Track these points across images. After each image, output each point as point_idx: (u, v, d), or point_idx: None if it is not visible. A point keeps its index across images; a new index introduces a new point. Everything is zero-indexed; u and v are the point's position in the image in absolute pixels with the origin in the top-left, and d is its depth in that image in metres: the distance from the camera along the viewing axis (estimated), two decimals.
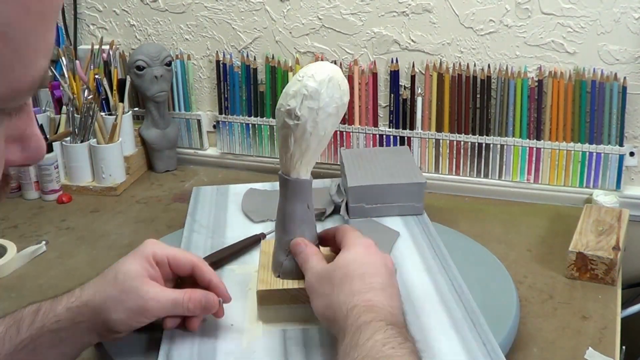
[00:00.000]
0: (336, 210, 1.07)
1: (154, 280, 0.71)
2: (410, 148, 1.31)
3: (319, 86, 0.71)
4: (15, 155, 0.41)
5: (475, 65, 1.24)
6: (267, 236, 0.97)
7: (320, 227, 0.90)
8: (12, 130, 0.39)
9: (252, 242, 0.95)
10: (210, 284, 0.74)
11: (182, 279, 0.76)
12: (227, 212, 1.08)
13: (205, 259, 0.85)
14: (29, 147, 0.41)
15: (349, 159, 1.14)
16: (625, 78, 1.15)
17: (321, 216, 1.05)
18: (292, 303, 0.76)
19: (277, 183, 0.77)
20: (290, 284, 0.77)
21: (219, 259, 0.91)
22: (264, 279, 0.79)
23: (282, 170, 0.76)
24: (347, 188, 1.05)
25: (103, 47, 1.41)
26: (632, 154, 1.19)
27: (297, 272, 0.76)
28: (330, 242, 0.78)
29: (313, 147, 0.73)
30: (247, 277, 0.86)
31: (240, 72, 1.38)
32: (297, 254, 0.75)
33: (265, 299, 0.77)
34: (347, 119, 1.34)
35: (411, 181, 1.05)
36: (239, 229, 1.01)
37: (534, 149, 1.23)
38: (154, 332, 0.74)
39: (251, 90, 1.39)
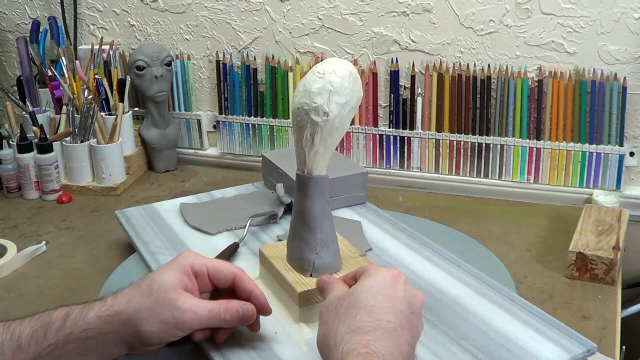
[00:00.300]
0: (288, 212, 1.05)
1: (189, 292, 0.69)
2: (410, 148, 1.31)
3: (342, 81, 0.71)
4: None
5: (475, 65, 1.24)
6: (239, 244, 0.96)
7: (277, 229, 0.95)
8: None
9: (232, 252, 0.94)
10: (252, 295, 0.71)
11: (218, 290, 0.74)
12: (174, 229, 1.03)
13: None
14: None
15: (277, 159, 1.16)
16: (625, 78, 1.15)
17: (274, 218, 1.04)
18: None
19: (207, 193, 0.77)
20: None
21: None
22: (296, 280, 0.77)
23: (302, 169, 0.76)
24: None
25: (103, 47, 1.41)
26: (632, 154, 1.19)
27: (329, 268, 0.77)
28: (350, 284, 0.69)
29: (336, 142, 0.75)
30: None
31: (240, 72, 1.38)
32: (322, 289, 0.70)
33: (306, 299, 0.76)
34: None
35: (355, 172, 1.10)
36: (200, 243, 0.98)
37: (534, 149, 1.23)
38: (181, 345, 0.72)
39: (251, 90, 1.39)
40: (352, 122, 1.33)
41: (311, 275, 0.78)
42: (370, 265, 0.70)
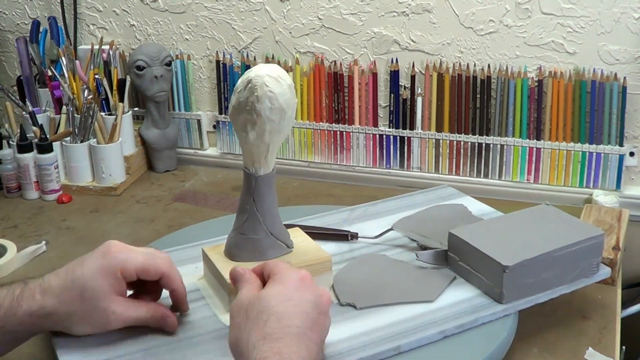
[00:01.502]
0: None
1: (119, 295, 0.71)
2: (410, 148, 1.31)
3: (239, 84, 0.75)
4: None
5: (475, 65, 1.24)
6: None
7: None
8: None
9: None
10: (173, 293, 0.75)
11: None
12: None
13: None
14: None
15: (523, 214, 0.91)
16: (625, 78, 1.15)
17: (424, 249, 0.90)
18: None
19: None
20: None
21: None
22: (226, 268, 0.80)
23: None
24: (449, 233, 0.86)
25: (103, 47, 1.41)
26: (632, 154, 1.19)
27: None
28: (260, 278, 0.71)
29: (242, 144, 0.78)
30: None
31: (240, 72, 1.38)
32: (235, 280, 0.71)
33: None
34: (347, 119, 1.34)
35: (493, 256, 0.79)
36: None
37: (534, 149, 1.23)
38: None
39: None
40: (352, 122, 1.34)
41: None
42: (277, 264, 0.69)
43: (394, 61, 1.29)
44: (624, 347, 0.89)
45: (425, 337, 0.73)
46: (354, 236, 0.95)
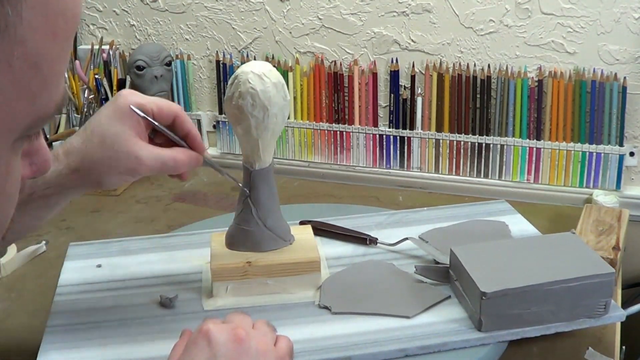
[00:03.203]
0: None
1: (140, 137, 0.71)
2: (410, 148, 1.31)
3: (231, 79, 0.77)
4: (24, 169, 0.40)
5: (475, 65, 1.24)
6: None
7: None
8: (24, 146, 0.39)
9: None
10: (189, 135, 0.75)
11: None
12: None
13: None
14: (37, 161, 0.41)
15: (549, 239, 0.87)
16: (625, 78, 1.15)
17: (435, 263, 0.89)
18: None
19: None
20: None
21: None
22: (219, 254, 0.84)
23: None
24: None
25: (103, 47, 1.41)
26: (632, 154, 1.19)
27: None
28: None
29: (236, 136, 0.81)
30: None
31: None
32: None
33: (218, 274, 0.82)
34: (347, 119, 1.34)
35: (476, 280, 0.75)
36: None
37: (534, 149, 1.23)
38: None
39: None
40: (352, 122, 1.34)
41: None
42: (208, 327, 0.59)
43: (394, 61, 1.29)
44: (624, 347, 0.89)
45: (382, 352, 0.71)
46: (373, 241, 0.94)
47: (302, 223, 0.96)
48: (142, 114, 0.71)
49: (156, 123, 0.72)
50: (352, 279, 0.85)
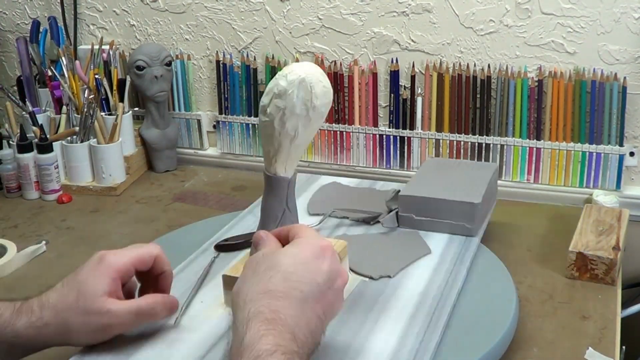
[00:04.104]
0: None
1: (116, 296, 0.69)
2: (410, 148, 1.31)
3: (288, 86, 0.72)
4: None
5: (475, 65, 1.24)
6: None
7: (368, 229, 0.95)
8: None
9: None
10: (164, 274, 0.73)
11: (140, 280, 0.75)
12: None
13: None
14: None
15: (427, 167, 1.09)
16: (625, 78, 1.15)
17: (370, 220, 1.00)
18: None
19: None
20: None
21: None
22: (236, 267, 0.79)
23: (265, 165, 0.77)
24: (399, 196, 0.99)
25: (103, 47, 1.41)
26: (632, 154, 1.19)
27: None
28: (284, 243, 0.68)
29: (286, 146, 0.74)
30: None
31: (240, 72, 1.38)
32: (256, 245, 0.68)
33: (228, 284, 0.77)
34: (347, 119, 1.34)
35: (462, 199, 0.95)
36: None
37: (534, 149, 1.23)
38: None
39: (251, 90, 1.39)
40: (352, 122, 1.34)
41: None
42: (304, 229, 0.66)
43: (394, 61, 1.29)
44: (624, 347, 0.89)
45: (459, 287, 0.82)
46: None
47: (217, 247, 0.93)
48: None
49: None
50: (352, 254, 0.85)
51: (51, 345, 0.70)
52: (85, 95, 1.32)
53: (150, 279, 0.74)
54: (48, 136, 1.29)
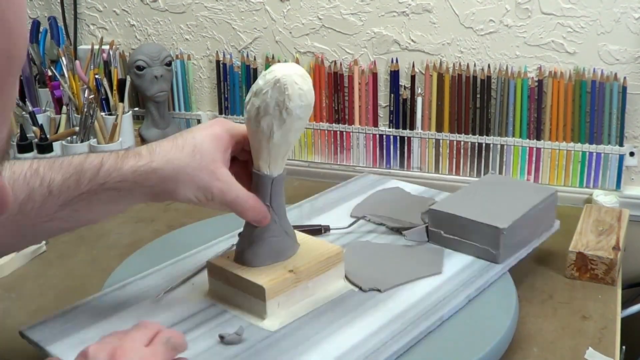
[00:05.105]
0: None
1: (225, 166, 0.70)
2: (410, 148, 1.31)
3: (264, 85, 0.72)
4: None
5: (475, 65, 1.24)
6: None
7: (397, 240, 0.93)
8: None
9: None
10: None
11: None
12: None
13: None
14: None
15: (478, 183, 1.01)
16: (625, 78, 1.15)
17: (402, 231, 0.94)
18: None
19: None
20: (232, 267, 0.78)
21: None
22: (224, 256, 0.81)
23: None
24: (429, 210, 0.94)
25: (103, 47, 1.41)
26: (632, 154, 1.19)
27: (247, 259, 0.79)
28: None
29: (264, 145, 0.74)
30: None
31: (240, 72, 1.38)
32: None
33: (212, 271, 0.80)
34: (347, 119, 1.34)
35: (489, 222, 0.86)
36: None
37: (534, 149, 1.23)
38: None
39: None
40: (352, 122, 1.34)
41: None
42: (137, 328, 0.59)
43: (394, 61, 1.29)
44: (624, 347, 0.90)
45: (456, 305, 0.77)
46: (327, 229, 0.97)
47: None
48: None
49: None
50: (360, 261, 0.85)
51: (151, 198, 0.70)
52: (85, 95, 1.32)
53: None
54: (48, 136, 1.29)
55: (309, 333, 0.73)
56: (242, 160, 0.76)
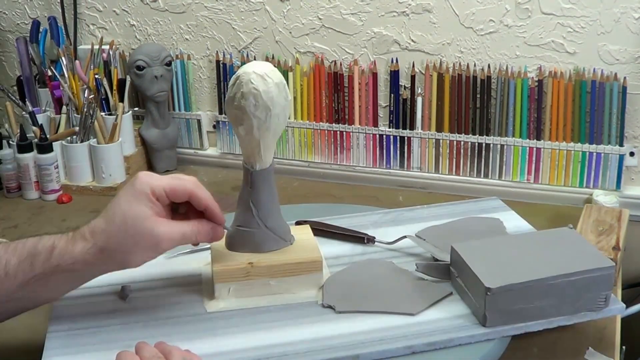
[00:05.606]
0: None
1: (160, 217, 0.73)
2: (410, 148, 1.31)
3: (231, 81, 0.77)
4: None
5: (475, 65, 1.24)
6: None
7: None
8: None
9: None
10: (207, 209, 0.76)
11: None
12: None
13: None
14: None
15: (542, 235, 0.89)
16: (625, 78, 1.15)
17: (435, 259, 0.88)
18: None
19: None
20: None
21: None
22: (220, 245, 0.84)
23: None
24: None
25: (103, 47, 1.41)
26: (632, 154, 1.19)
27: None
28: None
29: (240, 137, 0.79)
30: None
31: None
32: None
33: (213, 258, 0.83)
34: (347, 119, 1.34)
35: (479, 276, 0.75)
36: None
37: (534, 149, 1.23)
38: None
39: None
40: (352, 122, 1.34)
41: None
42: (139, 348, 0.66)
43: (394, 61, 1.29)
44: (624, 347, 0.90)
45: (389, 350, 0.71)
46: (371, 240, 0.95)
47: (298, 223, 0.95)
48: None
49: None
50: (353, 277, 0.85)
51: (112, 269, 0.75)
52: (85, 95, 1.32)
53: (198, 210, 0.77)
54: (48, 136, 1.29)
55: (242, 323, 0.77)
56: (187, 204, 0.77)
